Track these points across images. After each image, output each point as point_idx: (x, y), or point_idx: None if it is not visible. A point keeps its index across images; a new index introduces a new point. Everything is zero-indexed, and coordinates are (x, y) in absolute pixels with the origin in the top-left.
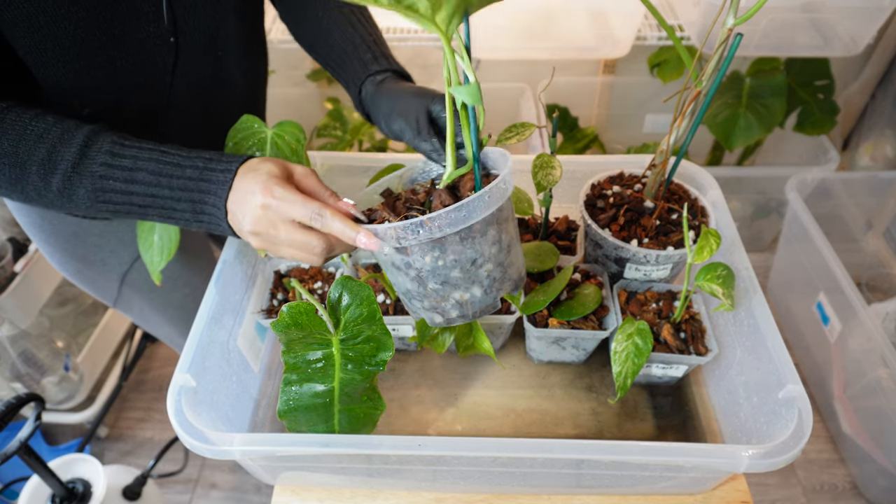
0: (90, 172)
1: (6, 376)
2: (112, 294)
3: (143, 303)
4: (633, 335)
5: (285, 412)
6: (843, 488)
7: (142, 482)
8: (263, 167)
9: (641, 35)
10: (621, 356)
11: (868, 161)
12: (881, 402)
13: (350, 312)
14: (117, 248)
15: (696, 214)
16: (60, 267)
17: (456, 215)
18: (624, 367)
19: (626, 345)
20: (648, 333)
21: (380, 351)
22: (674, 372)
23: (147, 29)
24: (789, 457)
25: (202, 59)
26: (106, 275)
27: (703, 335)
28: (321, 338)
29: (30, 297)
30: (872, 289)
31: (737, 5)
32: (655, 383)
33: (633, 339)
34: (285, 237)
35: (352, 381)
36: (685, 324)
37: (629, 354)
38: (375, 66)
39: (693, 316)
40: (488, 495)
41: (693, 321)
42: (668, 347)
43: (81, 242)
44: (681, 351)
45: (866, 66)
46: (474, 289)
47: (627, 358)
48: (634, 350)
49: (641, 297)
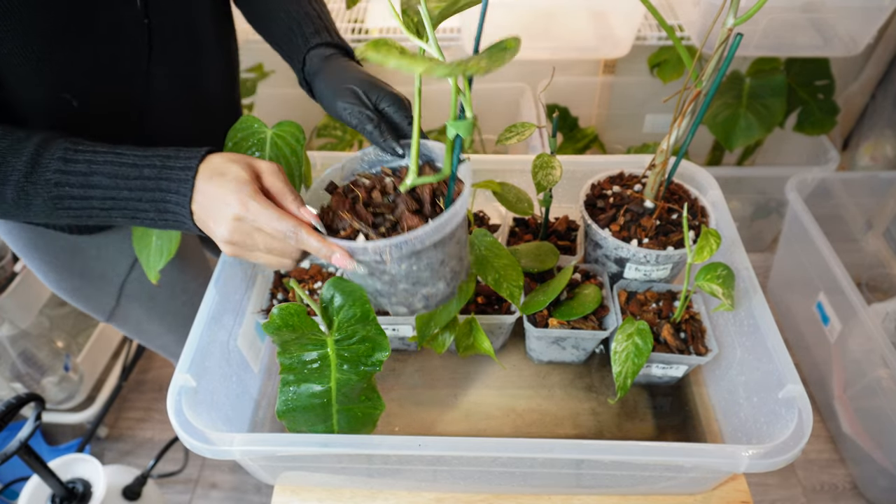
0: (44, 181)
1: (6, 376)
2: (108, 307)
3: (141, 312)
4: (634, 335)
5: (284, 412)
6: (843, 488)
7: (142, 482)
8: (231, 171)
9: (641, 35)
10: (621, 356)
11: (868, 161)
12: (881, 402)
13: (343, 313)
14: (116, 258)
15: (696, 214)
16: (56, 286)
17: (438, 229)
18: (624, 367)
19: (626, 345)
20: (648, 333)
21: (375, 351)
22: (674, 372)
23: (119, 12)
24: (789, 457)
25: (178, 41)
26: (105, 288)
27: (703, 335)
28: (315, 338)
29: (30, 296)
30: (872, 289)
31: (737, 5)
32: (655, 383)
33: (633, 340)
34: (263, 245)
35: (348, 381)
36: (685, 324)
37: (629, 354)
38: (317, 39)
39: (693, 316)
40: (488, 495)
41: (693, 321)
42: (668, 347)
43: (80, 256)
44: (681, 351)
45: (866, 66)
46: (440, 283)
47: (627, 358)
48: (634, 350)
49: (641, 298)
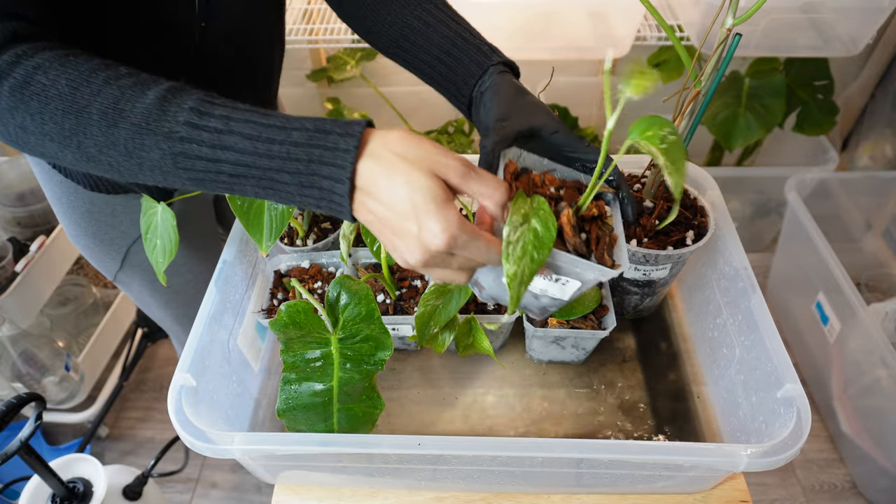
0: (168, 132)
1: (7, 376)
2: (113, 270)
3: (143, 282)
4: (531, 216)
5: (284, 411)
6: (842, 488)
7: (142, 482)
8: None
9: (641, 35)
10: (516, 249)
11: (867, 161)
12: (881, 401)
13: (349, 312)
14: (128, 228)
15: (696, 214)
16: (73, 239)
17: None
18: (520, 267)
19: (523, 231)
20: (550, 217)
21: (378, 350)
22: (560, 290)
23: (177, 14)
24: (788, 456)
25: (230, 25)
26: (112, 254)
27: (614, 245)
28: (320, 337)
29: (30, 296)
30: (872, 289)
31: (736, 5)
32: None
33: (530, 224)
34: (457, 265)
35: (350, 380)
36: (590, 223)
37: (526, 246)
38: (496, 58)
39: (602, 216)
40: (488, 495)
41: (602, 223)
42: (563, 243)
43: (94, 221)
44: (579, 254)
45: (865, 66)
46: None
47: (525, 252)
48: (533, 239)
49: (538, 179)
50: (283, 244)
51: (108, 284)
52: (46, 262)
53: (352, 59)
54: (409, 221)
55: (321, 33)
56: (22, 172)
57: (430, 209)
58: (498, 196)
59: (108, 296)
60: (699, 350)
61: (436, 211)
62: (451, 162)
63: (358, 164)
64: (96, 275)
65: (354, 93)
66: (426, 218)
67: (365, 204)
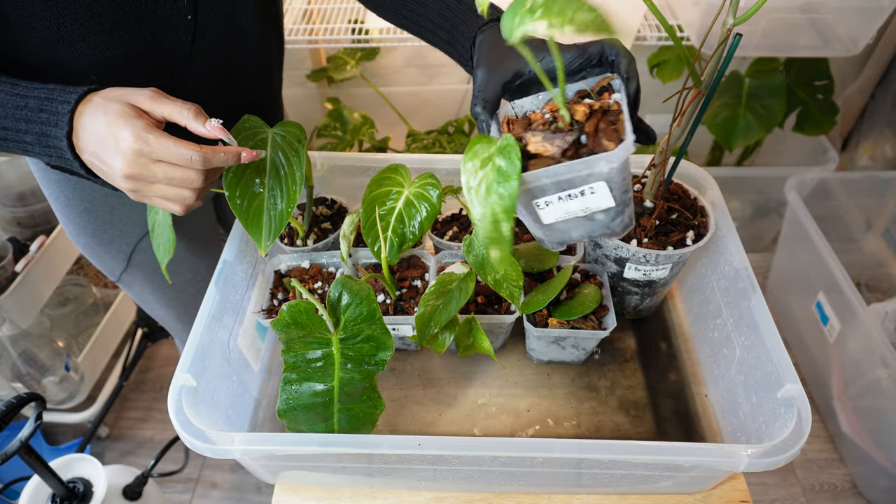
0: None
1: (7, 376)
2: (117, 271)
3: (145, 283)
4: (495, 157)
5: (285, 411)
6: (842, 488)
7: (142, 482)
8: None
9: (641, 35)
10: (480, 191)
11: (867, 161)
12: (880, 402)
13: (350, 312)
14: (127, 227)
15: (696, 214)
16: (73, 239)
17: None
18: (487, 207)
19: (485, 173)
20: (514, 149)
21: (379, 350)
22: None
23: (165, 5)
24: (788, 456)
25: (220, 38)
26: (112, 252)
27: (621, 129)
28: (321, 337)
29: (30, 296)
30: (871, 289)
31: (736, 5)
32: None
33: (494, 163)
34: (163, 176)
35: (351, 380)
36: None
37: (490, 185)
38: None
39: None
40: (488, 495)
41: (605, 113)
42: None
43: (93, 219)
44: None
45: (865, 66)
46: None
47: (490, 191)
48: (496, 176)
49: (537, 116)
50: (283, 244)
51: (109, 284)
52: (46, 262)
53: (352, 59)
54: (109, 139)
55: (321, 33)
56: (22, 172)
57: (120, 122)
58: (187, 111)
59: (108, 296)
60: (699, 350)
61: (125, 122)
62: (141, 91)
63: (74, 113)
64: (96, 274)
65: (354, 93)
66: (117, 128)
67: (80, 143)
